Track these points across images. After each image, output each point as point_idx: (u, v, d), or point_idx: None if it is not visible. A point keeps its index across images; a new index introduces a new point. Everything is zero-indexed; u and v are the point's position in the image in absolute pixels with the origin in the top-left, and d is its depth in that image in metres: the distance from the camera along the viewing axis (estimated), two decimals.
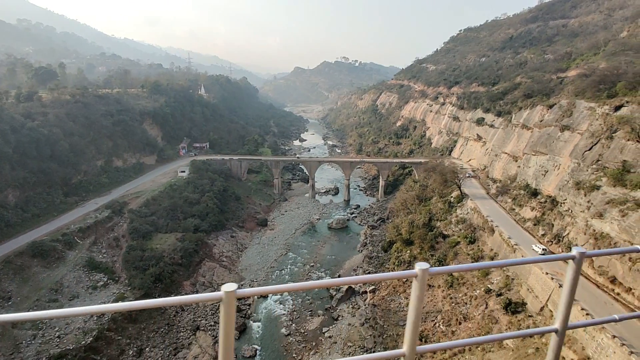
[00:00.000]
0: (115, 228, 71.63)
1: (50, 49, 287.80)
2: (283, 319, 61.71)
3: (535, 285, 42.06)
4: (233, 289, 2.93)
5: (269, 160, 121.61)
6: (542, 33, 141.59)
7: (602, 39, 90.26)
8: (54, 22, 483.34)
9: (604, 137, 47.60)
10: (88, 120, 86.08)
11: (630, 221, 37.87)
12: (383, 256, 75.85)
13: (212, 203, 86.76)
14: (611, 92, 51.31)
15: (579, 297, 37.05)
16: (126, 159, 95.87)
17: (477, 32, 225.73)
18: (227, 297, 2.93)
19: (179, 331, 55.67)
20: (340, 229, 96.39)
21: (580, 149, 51.44)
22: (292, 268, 77.14)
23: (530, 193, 60.69)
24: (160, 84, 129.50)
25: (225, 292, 2.93)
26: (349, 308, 63.68)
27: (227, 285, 3.00)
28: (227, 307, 2.98)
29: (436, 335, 48.48)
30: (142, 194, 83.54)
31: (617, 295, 37.04)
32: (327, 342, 56.13)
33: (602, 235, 41.23)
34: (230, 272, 73.87)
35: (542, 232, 52.02)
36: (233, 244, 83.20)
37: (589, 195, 45.29)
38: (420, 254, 65.93)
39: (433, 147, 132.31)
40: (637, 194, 39.16)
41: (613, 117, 47.81)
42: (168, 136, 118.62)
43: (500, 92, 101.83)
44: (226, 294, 2.93)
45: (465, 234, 62.48)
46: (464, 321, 47.40)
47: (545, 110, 68.63)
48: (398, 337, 52.30)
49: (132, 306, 3.05)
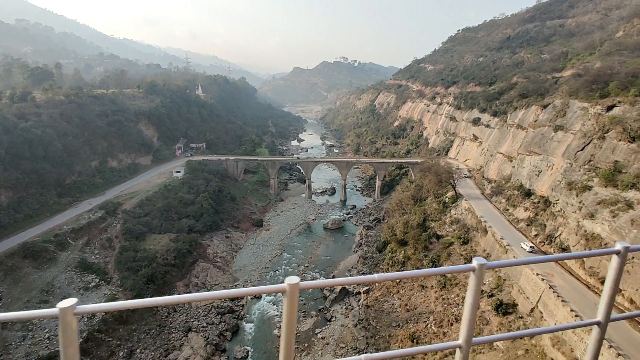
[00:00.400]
0: (109, 229, 71.35)
1: (48, 49, 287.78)
2: (276, 319, 61.47)
3: (526, 286, 41.83)
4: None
5: (265, 160, 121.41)
6: (539, 33, 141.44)
7: (598, 39, 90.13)
8: (53, 22, 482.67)
9: (596, 138, 47.36)
10: (82, 120, 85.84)
11: (620, 222, 37.64)
12: (378, 257, 75.62)
13: (207, 203, 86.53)
14: (604, 92, 51.07)
15: (569, 299, 36.85)
16: (121, 160, 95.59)
17: (475, 32, 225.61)
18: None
19: (170, 332, 55.44)
20: (335, 229, 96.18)
21: (572, 149, 51.22)
22: (286, 269, 76.90)
23: (524, 193, 60.49)
24: (156, 84, 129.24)
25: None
26: (343, 309, 63.46)
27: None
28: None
29: (428, 337, 48.27)
30: (137, 195, 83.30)
31: None
32: (319, 344, 55.90)
33: (593, 236, 41.01)
34: (225, 272, 73.64)
35: (535, 232, 51.78)
36: (228, 244, 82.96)
37: (581, 195, 45.07)
38: (414, 255, 65.73)
39: (430, 147, 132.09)
40: (628, 194, 38.94)
41: (605, 117, 47.57)
42: (164, 136, 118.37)
43: (496, 92, 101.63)
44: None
45: (458, 234, 62.27)
46: (455, 322, 47.19)
47: (540, 110, 68.43)
48: (390, 338, 52.09)
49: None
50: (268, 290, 3.19)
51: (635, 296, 33.92)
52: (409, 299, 57.96)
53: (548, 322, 36.81)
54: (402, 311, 56.22)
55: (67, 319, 2.77)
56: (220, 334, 56.84)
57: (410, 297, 58.22)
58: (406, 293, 59.52)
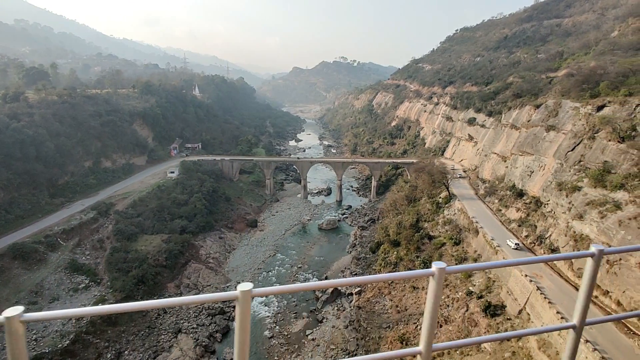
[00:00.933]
0: (101, 229, 71.08)
1: (46, 49, 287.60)
2: (267, 321, 61.17)
3: (515, 287, 41.51)
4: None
5: (260, 160, 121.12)
6: (536, 32, 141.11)
7: (593, 38, 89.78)
8: (52, 22, 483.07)
9: (586, 138, 47.04)
10: (75, 120, 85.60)
11: (608, 223, 37.32)
12: (371, 257, 75.32)
13: (201, 204, 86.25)
14: (594, 92, 50.75)
15: (557, 301, 36.54)
16: (115, 160, 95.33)
17: (473, 31, 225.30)
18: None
19: (160, 334, 55.13)
20: (330, 229, 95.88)
21: (563, 149, 50.90)
22: (279, 269, 76.61)
23: (516, 194, 60.15)
24: (151, 84, 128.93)
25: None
26: (334, 310, 63.18)
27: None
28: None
29: (417, 338, 47.89)
30: (130, 195, 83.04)
31: (595, 297, 36.48)
32: (310, 345, 55.61)
33: (581, 237, 40.69)
34: (217, 273, 73.36)
35: (526, 233, 51.46)
36: (221, 245, 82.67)
37: (570, 196, 44.75)
38: (407, 256, 65.41)
39: (426, 147, 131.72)
40: (617, 195, 38.61)
41: (595, 117, 47.24)
42: (159, 137, 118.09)
43: (491, 92, 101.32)
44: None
45: (450, 235, 61.96)
46: (444, 324, 46.86)
47: (533, 110, 68.11)
48: (380, 340, 51.78)
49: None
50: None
51: (622, 298, 33.60)
52: (400, 299, 57.65)
53: (535, 324, 36.52)
54: (393, 312, 55.93)
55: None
56: (210, 336, 56.54)
57: (401, 298, 57.92)
58: (398, 294, 59.20)
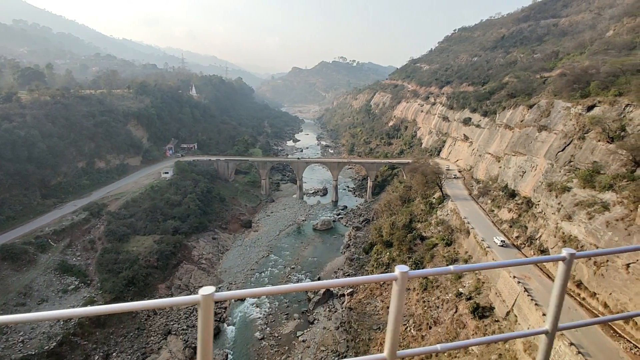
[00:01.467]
0: (92, 230, 70.76)
1: (44, 49, 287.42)
2: (258, 322, 60.90)
3: (503, 289, 41.17)
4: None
5: (255, 161, 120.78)
6: (532, 32, 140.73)
7: (588, 38, 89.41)
8: (52, 23, 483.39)
9: (576, 138, 46.68)
10: (68, 121, 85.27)
11: (596, 224, 36.96)
12: (364, 258, 75.01)
13: (194, 205, 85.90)
14: (584, 92, 50.39)
15: (544, 303, 36.18)
16: (109, 160, 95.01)
17: (472, 31, 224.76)
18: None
19: (149, 335, 54.82)
20: (325, 230, 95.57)
21: (554, 149, 50.55)
22: (272, 270, 76.29)
23: (509, 194, 59.81)
24: (147, 84, 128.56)
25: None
26: (326, 311, 62.88)
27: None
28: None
29: (406, 340, 47.58)
30: (123, 196, 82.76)
31: (582, 300, 36.16)
32: (300, 347, 55.32)
33: (570, 238, 40.33)
34: (209, 274, 73.05)
35: (517, 234, 51.12)
36: (214, 246, 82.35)
37: (560, 197, 44.39)
38: (399, 256, 65.07)
39: (423, 148, 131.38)
40: (605, 196, 38.25)
41: (585, 117, 46.87)
42: (155, 137, 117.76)
43: (487, 92, 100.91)
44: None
45: (442, 235, 61.60)
46: (434, 325, 46.53)
47: (526, 110, 67.75)
48: (370, 342, 51.45)
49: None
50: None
51: (609, 300, 33.26)
52: None
53: (521, 326, 36.18)
54: (383, 313, 55.58)
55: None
56: None
57: None
58: (389, 295, 58.74)
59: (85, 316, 2.97)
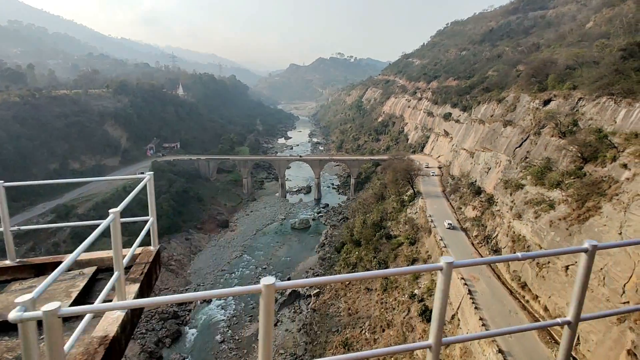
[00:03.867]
0: (58, 233, 69.93)
1: (37, 49, 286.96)
2: (221, 325, 59.93)
3: (451, 291, 39.80)
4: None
5: (236, 159, 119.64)
6: (520, 25, 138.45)
7: (568, 29, 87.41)
8: (49, 23, 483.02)
9: (532, 133, 45.12)
10: (38, 122, 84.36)
11: (541, 223, 35.52)
12: (335, 257, 73.78)
13: (167, 205, 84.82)
14: (542, 85, 48.72)
15: (486, 307, 34.87)
16: (84, 161, 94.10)
17: (464, 25, 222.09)
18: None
19: None
20: (303, 229, 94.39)
21: (512, 145, 49.02)
22: (243, 271, 75.26)
23: (474, 191, 58.35)
24: (127, 83, 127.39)
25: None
26: (291, 313, 61.87)
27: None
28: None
29: (360, 343, 46.43)
30: (94, 197, 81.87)
31: (526, 302, 34.79)
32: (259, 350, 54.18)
33: (519, 237, 38.91)
34: (177, 276, 72.17)
35: (476, 232, 49.70)
36: (186, 246, 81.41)
37: (514, 194, 42.93)
38: (366, 256, 63.77)
39: (409, 143, 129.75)
40: (553, 194, 36.74)
41: (542, 111, 45.27)
42: (135, 137, 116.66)
43: (467, 87, 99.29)
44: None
45: (408, 234, 60.25)
46: (387, 328, 45.31)
47: (496, 105, 66.11)
48: (327, 345, 50.28)
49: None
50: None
51: (549, 303, 31.89)
52: (354, 302, 56.12)
53: (462, 330, 34.84)
54: (344, 315, 54.41)
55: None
56: (159, 341, 55.35)
57: (355, 300, 56.38)
58: (353, 296, 57.67)
59: None
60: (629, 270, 26.97)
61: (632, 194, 29.10)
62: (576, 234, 31.71)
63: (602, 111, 37.10)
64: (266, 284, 2.85)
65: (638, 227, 27.83)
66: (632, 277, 26.73)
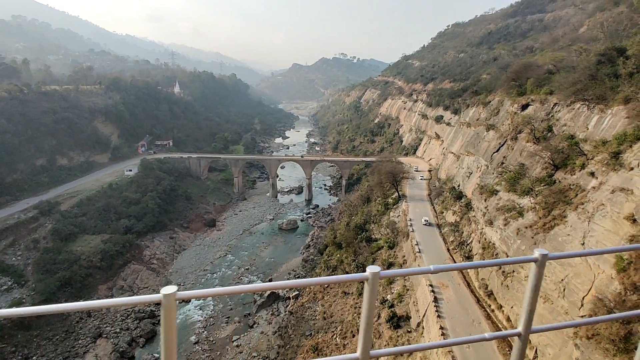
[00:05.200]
0: (39, 229, 69.47)
1: (39, 45, 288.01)
2: (197, 325, 59.31)
3: (420, 298, 39.02)
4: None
5: (227, 158, 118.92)
6: (517, 28, 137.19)
7: (562, 33, 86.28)
8: (54, 19, 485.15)
9: (510, 138, 44.20)
10: (25, 117, 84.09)
11: (509, 231, 34.63)
12: (317, 259, 73.02)
13: (153, 203, 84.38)
14: (521, 89, 47.76)
15: (450, 315, 34.03)
16: (72, 158, 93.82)
17: (464, 27, 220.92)
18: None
19: (77, 338, 53.43)
20: (290, 230, 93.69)
21: (490, 150, 48.11)
22: (225, 271, 74.64)
23: (456, 196, 57.45)
24: (120, 80, 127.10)
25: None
26: (268, 315, 61.15)
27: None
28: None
29: (330, 348, 45.67)
30: (79, 194, 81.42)
31: (492, 311, 33.93)
32: (232, 352, 53.63)
33: (489, 244, 38.04)
34: (158, 275, 71.61)
35: (452, 238, 48.83)
36: (170, 245, 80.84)
37: (488, 200, 42.03)
38: (346, 259, 62.96)
39: (403, 146, 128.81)
40: (523, 201, 35.85)
41: (520, 116, 44.34)
42: (126, 134, 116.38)
43: (460, 89, 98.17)
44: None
45: (388, 238, 59.41)
46: (357, 333, 44.45)
47: (482, 108, 65.17)
48: (299, 349, 49.53)
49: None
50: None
51: (511, 314, 31.03)
52: (330, 305, 55.30)
53: (425, 339, 34.03)
54: (319, 319, 53.61)
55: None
56: (133, 340, 54.76)
57: (332, 303, 55.57)
58: (330, 299, 56.84)
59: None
60: (589, 283, 26.11)
61: (597, 203, 28.20)
62: (541, 243, 30.83)
63: (575, 117, 36.16)
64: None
65: (600, 238, 26.94)
66: (591, 289, 25.87)
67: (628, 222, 23.77)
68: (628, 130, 29.33)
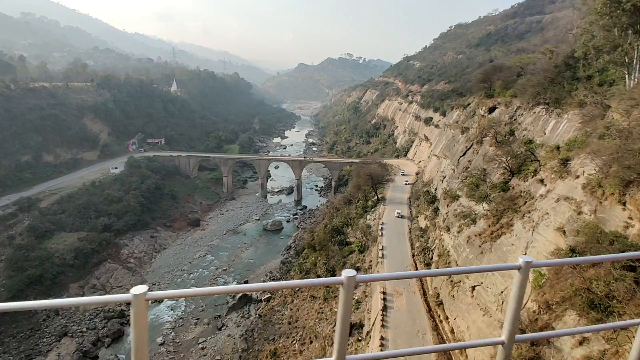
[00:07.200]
0: (16, 226, 69.52)
1: (44, 42, 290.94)
2: (166, 326, 58.64)
3: (374, 305, 37.89)
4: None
5: (217, 157, 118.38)
6: (515, 29, 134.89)
7: (552, 35, 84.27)
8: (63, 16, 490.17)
9: (476, 142, 42.83)
10: (10, 113, 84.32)
11: (460, 239, 33.38)
12: (294, 262, 72.00)
13: (135, 201, 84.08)
14: (489, 92, 46.32)
15: (396, 325, 32.84)
16: (59, 155, 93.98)
17: (466, 28, 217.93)
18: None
19: (42, 337, 53.13)
20: (274, 231, 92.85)
21: (457, 154, 46.76)
22: (202, 272, 73.99)
23: (429, 200, 56.08)
24: (112, 77, 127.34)
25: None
26: (238, 317, 60.30)
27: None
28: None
29: (287, 354, 44.69)
30: (61, 191, 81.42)
31: (440, 322, 32.69)
32: (197, 354, 52.89)
33: (445, 252, 36.78)
34: (134, 274, 71.20)
35: (419, 243, 47.55)
36: (150, 244, 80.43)
37: (450, 205, 40.76)
38: (319, 262, 61.94)
39: (396, 147, 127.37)
40: (479, 208, 34.53)
41: (486, 119, 42.95)
42: (117, 132, 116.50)
43: (450, 91, 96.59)
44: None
45: (360, 241, 58.27)
46: (314, 339, 43.48)
47: (461, 111, 63.72)
48: (259, 353, 48.63)
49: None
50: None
51: (455, 325, 29.78)
52: (298, 309, 54.38)
53: (370, 348, 32.88)
54: (285, 323, 52.68)
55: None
56: (98, 340, 54.31)
57: (300, 307, 54.63)
58: (299, 303, 55.92)
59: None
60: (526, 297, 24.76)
61: (542, 212, 26.87)
62: (487, 252, 29.57)
63: (535, 121, 34.74)
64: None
65: (541, 249, 25.58)
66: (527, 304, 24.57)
67: (559, 234, 22.46)
68: (578, 136, 27.96)
